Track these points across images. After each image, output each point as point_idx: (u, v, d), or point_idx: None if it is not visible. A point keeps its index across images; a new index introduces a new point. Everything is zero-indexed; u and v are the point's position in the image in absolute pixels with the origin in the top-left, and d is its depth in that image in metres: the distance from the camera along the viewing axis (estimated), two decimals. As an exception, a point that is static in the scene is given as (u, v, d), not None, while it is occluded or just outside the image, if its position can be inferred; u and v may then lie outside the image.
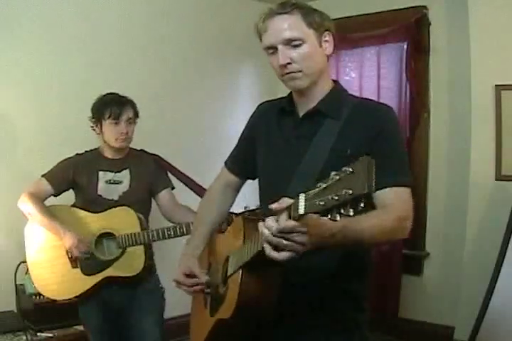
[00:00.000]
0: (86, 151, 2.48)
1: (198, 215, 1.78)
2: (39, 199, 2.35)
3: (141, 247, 2.32)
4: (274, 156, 1.54)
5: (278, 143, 1.53)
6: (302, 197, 1.04)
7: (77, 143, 2.62)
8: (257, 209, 2.17)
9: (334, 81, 1.55)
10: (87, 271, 2.32)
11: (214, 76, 3.84)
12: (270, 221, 1.13)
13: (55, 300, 2.48)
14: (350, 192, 0.94)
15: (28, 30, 2.93)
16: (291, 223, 1.09)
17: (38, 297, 2.63)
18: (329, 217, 0.99)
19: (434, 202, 3.54)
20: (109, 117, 2.33)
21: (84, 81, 3.11)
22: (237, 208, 2.16)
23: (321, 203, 0.99)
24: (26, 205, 2.33)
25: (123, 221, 2.32)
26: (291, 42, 1.40)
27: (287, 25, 1.40)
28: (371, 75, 3.78)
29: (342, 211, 0.97)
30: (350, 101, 1.49)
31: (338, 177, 0.98)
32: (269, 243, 1.14)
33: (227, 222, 2.14)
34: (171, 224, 2.42)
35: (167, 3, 3.56)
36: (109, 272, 2.30)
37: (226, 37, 3.85)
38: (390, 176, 1.35)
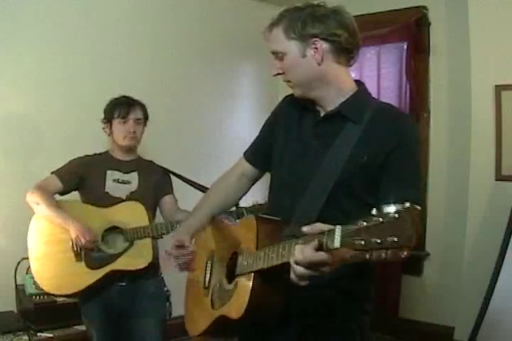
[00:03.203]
0: (95, 154, 2.49)
1: (206, 195, 1.76)
2: (47, 191, 2.33)
3: (149, 240, 2.31)
4: (290, 154, 1.53)
5: (296, 141, 1.52)
6: (339, 231, 1.05)
7: (83, 143, 2.63)
8: (266, 203, 2.17)
9: (358, 82, 1.51)
10: (92, 265, 2.28)
11: (214, 76, 3.84)
12: (298, 253, 1.14)
13: (55, 301, 2.46)
14: (396, 239, 0.95)
15: (32, 29, 2.93)
16: (323, 256, 1.10)
17: (38, 297, 2.63)
18: (368, 257, 1.00)
19: (434, 202, 3.54)
20: (118, 116, 2.38)
21: (88, 81, 3.12)
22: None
23: (361, 243, 0.99)
24: (34, 196, 2.30)
25: (131, 215, 2.32)
26: (276, 55, 1.45)
27: (271, 39, 1.45)
28: (371, 75, 3.78)
29: (383, 255, 0.98)
30: (372, 105, 1.46)
31: (381, 220, 0.97)
32: (295, 273, 1.16)
33: (237, 215, 2.16)
34: None
35: (168, 4, 3.57)
36: (115, 265, 2.27)
37: (226, 37, 3.85)
38: (400, 190, 1.34)
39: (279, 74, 1.46)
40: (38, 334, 2.65)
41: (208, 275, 1.65)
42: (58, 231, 2.30)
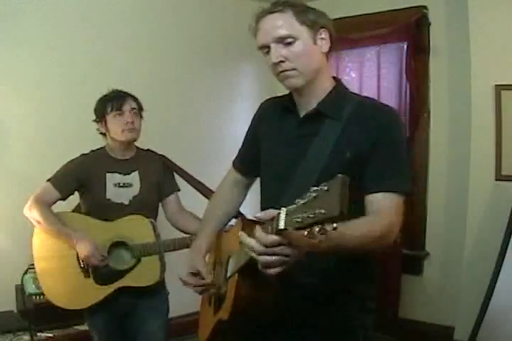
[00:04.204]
0: (92, 151, 2.40)
1: (206, 213, 1.77)
2: (46, 205, 2.25)
3: (156, 258, 2.26)
4: (275, 156, 1.53)
5: (279, 143, 1.52)
6: (283, 212, 1.05)
7: (83, 142, 2.59)
8: None
9: (336, 79, 1.52)
10: (101, 281, 2.23)
11: (214, 76, 3.85)
12: (252, 241, 1.14)
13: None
14: (323, 211, 0.94)
15: (29, 29, 2.93)
16: (271, 238, 1.10)
17: (38, 297, 2.63)
18: (306, 234, 0.99)
19: (434, 202, 3.54)
20: (112, 110, 2.26)
21: (87, 81, 3.11)
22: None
23: (298, 220, 0.99)
24: (33, 213, 2.23)
25: (137, 229, 2.27)
26: (283, 40, 1.39)
27: (278, 24, 1.39)
28: (371, 75, 3.78)
29: (317, 229, 0.97)
30: (351, 100, 1.46)
31: (314, 195, 0.97)
32: (258, 261, 1.15)
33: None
34: (177, 232, 2.41)
35: (168, 4, 3.57)
36: (124, 282, 2.23)
37: (226, 37, 3.85)
38: (385, 181, 1.35)
39: (281, 61, 1.40)
40: (38, 334, 2.65)
41: (211, 289, 1.65)
42: (62, 246, 2.23)
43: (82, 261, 2.22)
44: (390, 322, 3.43)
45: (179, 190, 2.51)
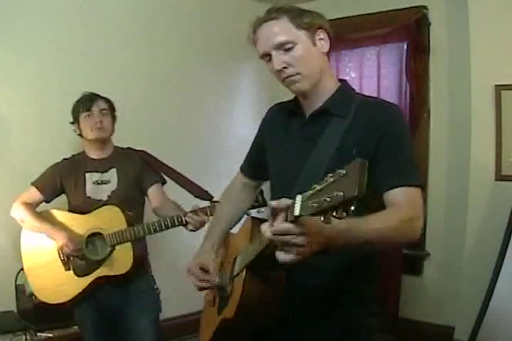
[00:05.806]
0: (73, 155, 2.50)
1: (217, 213, 1.81)
2: (30, 206, 2.40)
3: (128, 245, 2.30)
4: (281, 157, 1.54)
5: (284, 145, 1.53)
6: (299, 198, 1.04)
7: (79, 143, 2.61)
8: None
9: (341, 80, 1.53)
10: (80, 273, 2.32)
11: (214, 75, 3.85)
12: (264, 225, 1.13)
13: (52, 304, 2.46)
14: (341, 194, 0.93)
15: (29, 29, 2.93)
16: (285, 225, 1.08)
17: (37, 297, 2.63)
18: (322, 219, 0.98)
19: (434, 202, 3.54)
20: (83, 111, 2.38)
21: (84, 81, 3.11)
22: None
23: (314, 205, 0.98)
24: (18, 213, 2.39)
25: (110, 219, 2.33)
26: (283, 47, 1.40)
27: (276, 31, 1.40)
28: (371, 75, 3.78)
29: (335, 214, 0.96)
30: (357, 99, 1.47)
31: (332, 180, 0.97)
32: (274, 244, 1.13)
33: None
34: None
35: (168, 4, 3.57)
36: (100, 272, 2.30)
37: (226, 36, 3.85)
38: (397, 176, 1.35)
39: (284, 68, 1.41)
40: (38, 334, 2.65)
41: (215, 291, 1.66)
42: (45, 242, 2.35)
43: (63, 254, 2.31)
44: (390, 322, 3.43)
45: (164, 182, 2.54)
